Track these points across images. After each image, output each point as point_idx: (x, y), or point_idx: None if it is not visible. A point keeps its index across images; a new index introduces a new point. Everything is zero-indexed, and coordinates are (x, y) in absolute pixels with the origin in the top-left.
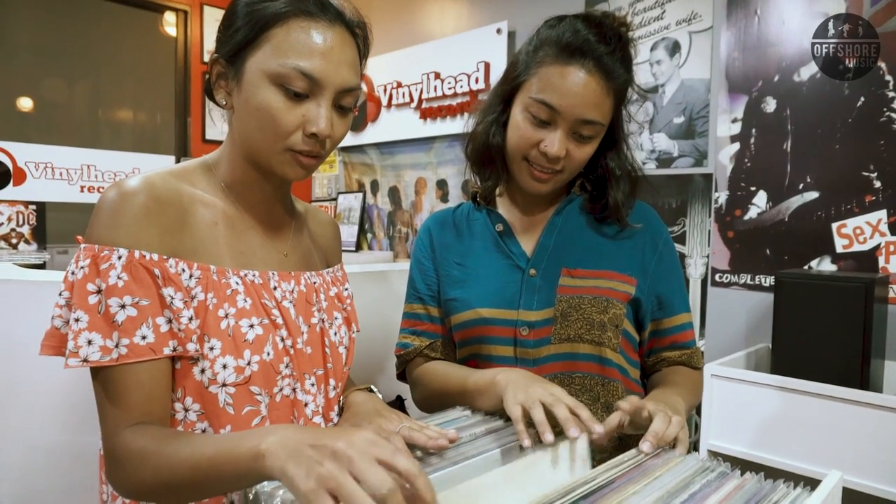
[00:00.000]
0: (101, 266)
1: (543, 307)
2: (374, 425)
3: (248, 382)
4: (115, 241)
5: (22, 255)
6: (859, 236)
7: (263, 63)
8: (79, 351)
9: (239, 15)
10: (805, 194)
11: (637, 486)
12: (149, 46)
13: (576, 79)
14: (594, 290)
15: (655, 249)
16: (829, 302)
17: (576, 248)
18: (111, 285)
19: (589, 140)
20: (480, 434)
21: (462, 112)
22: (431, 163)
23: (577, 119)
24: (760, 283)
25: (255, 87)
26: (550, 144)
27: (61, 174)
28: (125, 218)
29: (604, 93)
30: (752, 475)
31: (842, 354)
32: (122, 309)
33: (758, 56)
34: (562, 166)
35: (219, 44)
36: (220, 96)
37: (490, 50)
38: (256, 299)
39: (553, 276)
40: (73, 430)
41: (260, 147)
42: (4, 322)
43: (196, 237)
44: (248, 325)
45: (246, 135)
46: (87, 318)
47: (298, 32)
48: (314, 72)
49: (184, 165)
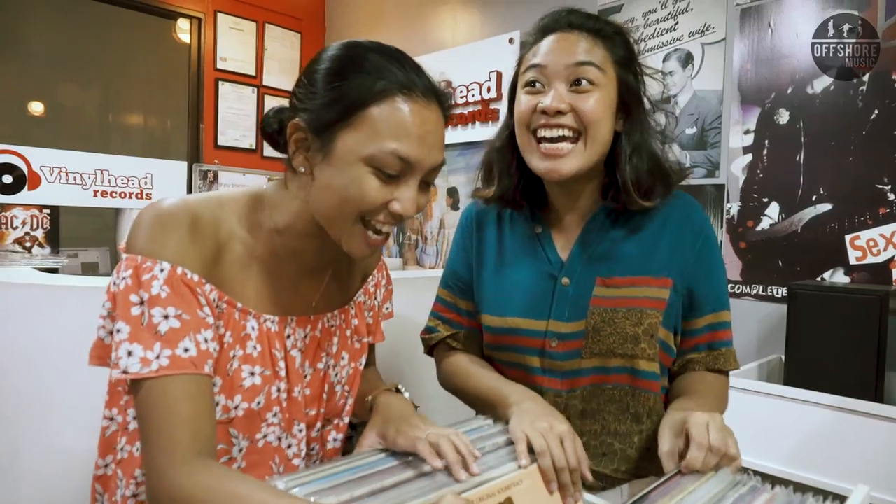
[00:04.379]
0: (142, 277)
1: (575, 319)
2: (401, 432)
3: (229, 423)
4: (158, 255)
5: (37, 259)
6: (873, 248)
7: (359, 145)
8: (119, 362)
9: (327, 85)
10: (818, 206)
11: (672, 500)
12: (162, 53)
13: (556, 38)
14: (628, 301)
15: (694, 246)
16: (844, 314)
17: (611, 255)
18: (154, 295)
19: (592, 87)
20: (502, 444)
21: (474, 121)
22: (442, 171)
23: (567, 66)
24: (772, 295)
25: (346, 166)
26: (547, 99)
27: (75, 179)
28: (169, 235)
29: (590, 42)
30: (782, 488)
31: (856, 367)
32: (166, 319)
33: (771, 68)
34: (571, 124)
35: (301, 108)
36: (297, 162)
37: (502, 59)
38: (266, 348)
39: (587, 286)
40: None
41: (336, 219)
42: (23, 326)
43: (227, 273)
44: (249, 371)
45: (325, 205)
46: (128, 330)
47: (397, 114)
48: (411, 156)
49: (232, 194)
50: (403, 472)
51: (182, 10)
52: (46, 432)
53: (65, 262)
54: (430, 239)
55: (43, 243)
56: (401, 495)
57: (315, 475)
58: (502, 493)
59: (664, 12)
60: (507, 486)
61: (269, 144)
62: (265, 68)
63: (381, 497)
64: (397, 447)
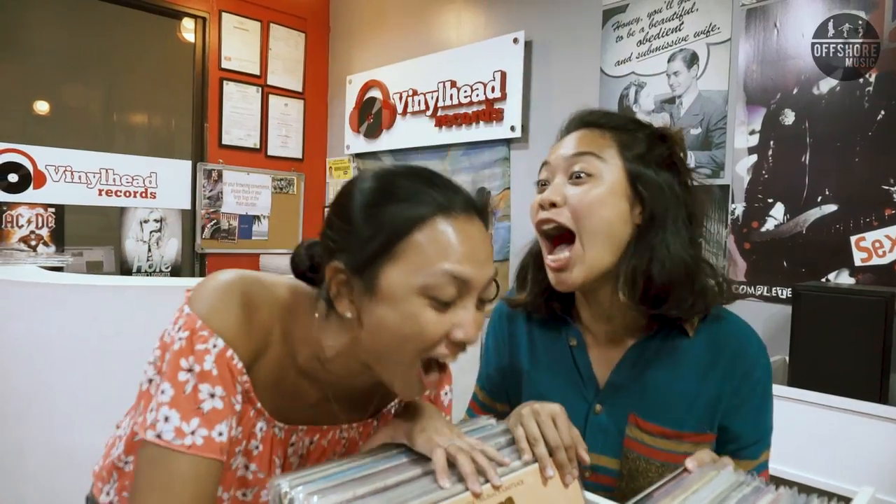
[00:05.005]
0: (196, 346)
1: (610, 454)
2: (425, 432)
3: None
4: (217, 328)
5: (42, 258)
6: (878, 249)
7: (407, 276)
8: (156, 425)
9: (363, 220)
10: (823, 207)
11: (675, 500)
12: (167, 52)
13: (566, 138)
14: (663, 454)
15: (747, 382)
16: (848, 315)
17: (650, 393)
18: (206, 371)
19: (588, 178)
20: (504, 444)
21: (477, 120)
22: (446, 170)
23: (566, 158)
24: (777, 295)
25: (398, 303)
26: (544, 193)
27: (80, 178)
28: (231, 311)
29: (597, 134)
30: (787, 489)
31: (860, 368)
32: (212, 398)
33: (776, 68)
34: (563, 220)
35: (337, 248)
36: (343, 307)
37: (506, 59)
38: (267, 451)
39: (620, 419)
40: (97, 431)
41: (392, 362)
42: (28, 323)
43: (260, 372)
44: (244, 464)
45: (379, 348)
46: (171, 394)
47: (442, 236)
48: (465, 274)
49: (281, 293)
50: (407, 471)
51: (187, 9)
52: (51, 429)
53: (70, 261)
54: None
55: (48, 242)
56: (403, 494)
57: (318, 473)
58: (503, 493)
59: (669, 12)
60: (508, 487)
61: (302, 281)
62: (269, 68)
63: (384, 496)
64: (416, 447)
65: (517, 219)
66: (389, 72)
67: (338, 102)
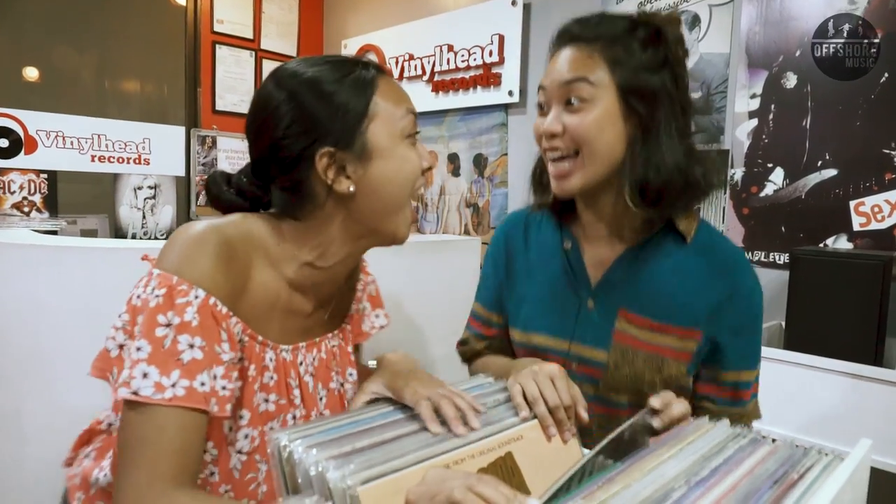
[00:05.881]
0: (176, 300)
1: (598, 346)
2: (409, 385)
3: (254, 452)
4: (194, 279)
5: (35, 223)
6: (877, 214)
7: (389, 126)
8: (131, 382)
9: (327, 101)
10: (823, 172)
11: (672, 450)
12: (158, 16)
13: (558, 56)
14: (650, 346)
15: (734, 299)
16: (846, 279)
17: (641, 291)
18: (185, 322)
19: (582, 105)
20: (503, 400)
21: (475, 85)
22: (443, 136)
23: (560, 85)
24: (775, 261)
25: (392, 151)
26: (544, 122)
27: (72, 143)
28: (206, 260)
29: (585, 53)
30: (784, 442)
31: (856, 332)
32: (191, 349)
33: (779, 30)
34: (567, 146)
35: (317, 138)
36: (343, 186)
37: (505, 22)
38: (282, 378)
39: (611, 314)
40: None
41: (396, 206)
42: (24, 285)
43: (252, 307)
44: (264, 398)
45: (384, 201)
46: (149, 350)
47: (390, 87)
48: (414, 110)
49: (256, 227)
50: (405, 425)
51: None
52: (49, 390)
53: (63, 226)
54: (431, 206)
55: (41, 208)
56: (402, 448)
57: (317, 428)
58: (502, 447)
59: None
60: (507, 441)
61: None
62: (263, 31)
63: (383, 449)
64: (404, 400)
65: (515, 185)
66: (385, 36)
67: None
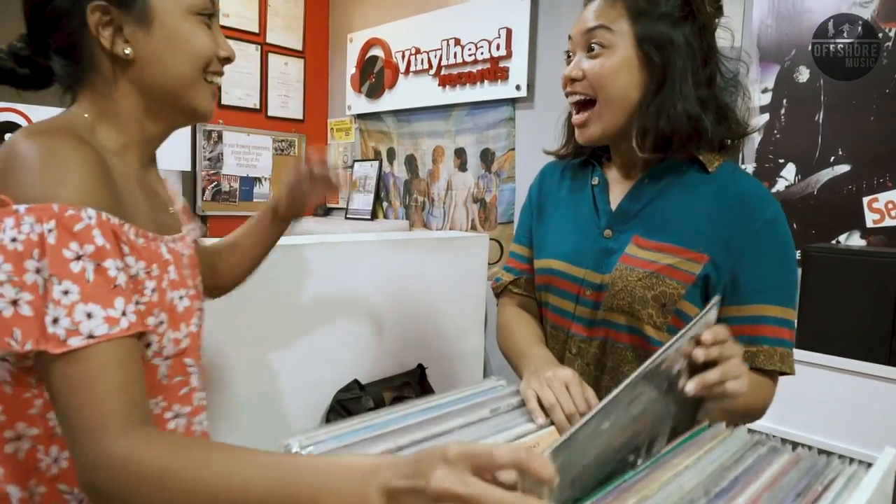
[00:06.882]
0: (74, 227)
1: (606, 271)
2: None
3: (182, 354)
4: (78, 200)
5: None
6: (891, 211)
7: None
8: (79, 327)
9: None
10: (836, 167)
11: (688, 458)
12: None
13: (585, 11)
14: (650, 264)
15: (752, 226)
16: (859, 277)
17: (653, 216)
18: (100, 247)
19: (602, 51)
20: (516, 405)
21: (482, 80)
22: (449, 131)
23: (583, 33)
24: None
25: (177, 23)
26: (567, 70)
27: None
28: (76, 174)
29: (609, 4)
30: (805, 450)
31: (870, 330)
32: (120, 272)
33: (792, 23)
34: (585, 90)
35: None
36: (119, 49)
37: (513, 16)
38: (180, 268)
39: (624, 242)
40: None
41: (186, 81)
42: None
43: (121, 198)
44: (179, 296)
45: (171, 73)
46: (78, 289)
47: None
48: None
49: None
50: (419, 431)
51: None
52: None
53: None
54: (437, 201)
55: None
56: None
57: (330, 433)
58: None
59: None
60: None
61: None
62: (269, 25)
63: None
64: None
65: (522, 180)
66: (391, 29)
67: (339, 61)
